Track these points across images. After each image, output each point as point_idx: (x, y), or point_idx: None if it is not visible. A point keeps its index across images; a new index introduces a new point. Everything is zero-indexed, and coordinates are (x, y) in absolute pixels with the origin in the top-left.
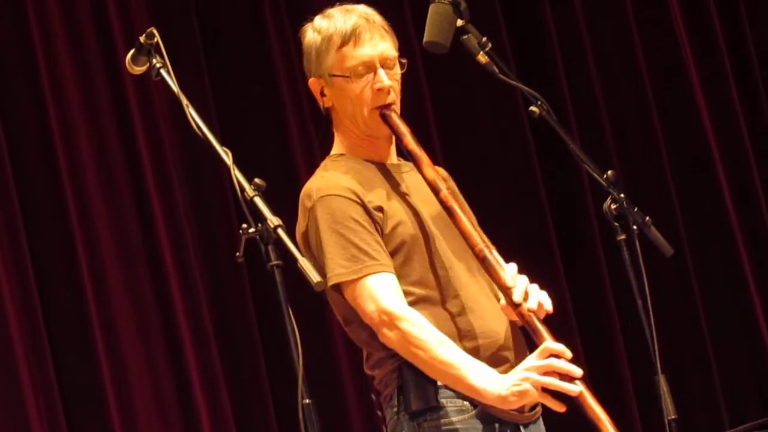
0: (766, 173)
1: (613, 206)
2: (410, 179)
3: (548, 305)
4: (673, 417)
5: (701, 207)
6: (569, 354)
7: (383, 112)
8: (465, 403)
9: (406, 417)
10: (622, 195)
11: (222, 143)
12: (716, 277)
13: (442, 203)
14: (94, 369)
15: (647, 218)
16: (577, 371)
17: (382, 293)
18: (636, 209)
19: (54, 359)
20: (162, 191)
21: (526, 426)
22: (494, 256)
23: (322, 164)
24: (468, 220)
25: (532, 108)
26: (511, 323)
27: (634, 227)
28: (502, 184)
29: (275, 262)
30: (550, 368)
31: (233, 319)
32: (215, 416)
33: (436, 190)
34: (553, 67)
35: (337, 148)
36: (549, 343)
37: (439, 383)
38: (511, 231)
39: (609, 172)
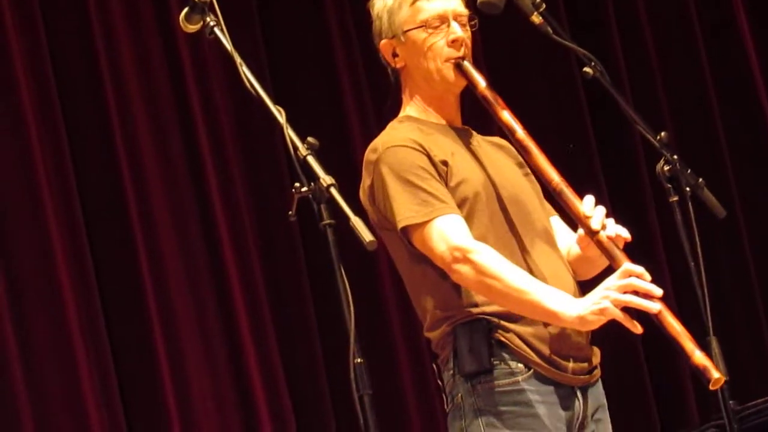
0: None
1: (665, 168)
2: (476, 143)
3: (626, 234)
4: (724, 379)
5: (754, 170)
6: (649, 276)
7: (458, 62)
8: (519, 365)
9: (461, 379)
10: (674, 156)
11: (275, 102)
12: None
13: (519, 143)
14: (144, 316)
15: (700, 180)
16: (658, 290)
17: (452, 232)
18: (689, 171)
19: (105, 313)
20: (215, 151)
21: (583, 390)
22: (571, 190)
23: (389, 125)
24: (545, 159)
25: (586, 69)
26: (578, 288)
27: (687, 189)
28: (554, 146)
29: (328, 221)
30: (630, 287)
31: (285, 278)
32: (266, 375)
33: (511, 131)
34: (607, 27)
35: (404, 112)
36: (629, 264)
37: (493, 345)
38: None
39: (662, 133)
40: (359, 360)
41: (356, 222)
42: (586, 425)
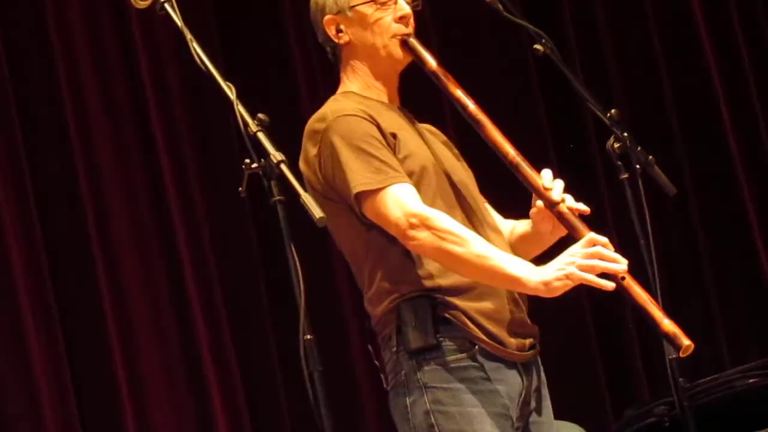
0: None
1: (616, 145)
2: (420, 125)
3: (584, 207)
4: (673, 356)
5: (705, 147)
6: (611, 247)
7: (405, 38)
8: (464, 342)
9: (405, 356)
10: (625, 134)
11: (226, 79)
12: (720, 217)
13: (472, 117)
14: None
15: (650, 157)
16: (622, 259)
17: (408, 199)
18: (639, 148)
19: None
20: (166, 126)
21: (526, 366)
22: (528, 164)
23: (331, 99)
24: (499, 133)
25: (537, 46)
26: None
27: (637, 166)
28: (505, 123)
29: (278, 198)
30: (596, 254)
31: (235, 254)
32: (216, 348)
33: (463, 106)
34: (558, 5)
35: (345, 88)
36: (594, 234)
37: (438, 322)
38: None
39: (612, 110)
40: (309, 336)
41: (306, 198)
42: (529, 401)
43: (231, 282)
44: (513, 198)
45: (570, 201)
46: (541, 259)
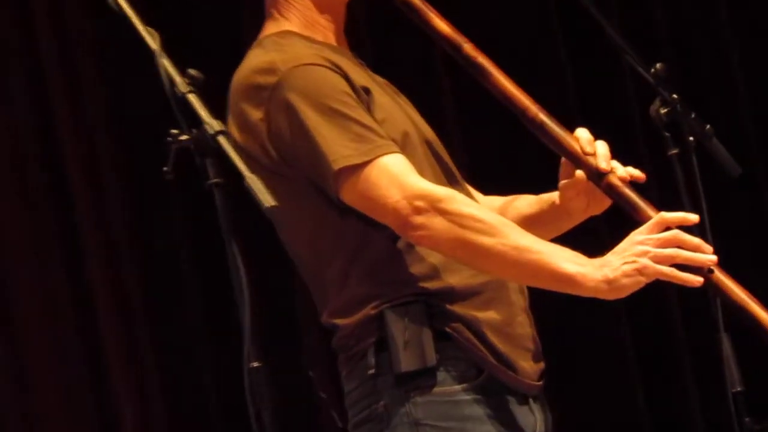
0: None
1: (663, 110)
2: (380, 79)
3: (637, 173)
4: (738, 389)
5: None
6: (695, 218)
7: None
8: (469, 365)
9: (388, 381)
10: (675, 96)
11: (147, 26)
12: None
13: (470, 61)
14: None
15: (708, 127)
16: (707, 246)
17: (406, 174)
18: (693, 115)
19: None
20: (71, 88)
21: (537, 400)
22: (555, 121)
23: (268, 41)
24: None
25: None
26: None
27: (691, 138)
28: (521, 80)
29: (215, 180)
30: (674, 240)
31: (159, 252)
32: (136, 384)
33: (456, 46)
34: None
35: (278, 26)
36: (665, 214)
37: (436, 337)
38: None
39: (658, 65)
40: (257, 363)
41: (253, 180)
42: None
43: (155, 292)
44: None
45: (621, 169)
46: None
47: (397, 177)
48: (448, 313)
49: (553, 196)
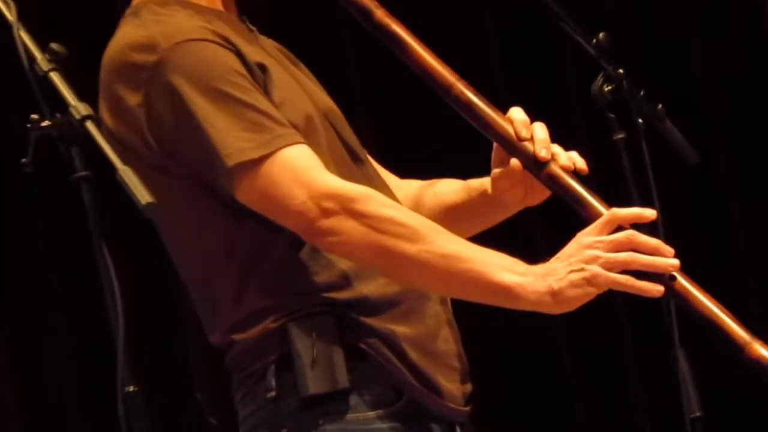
0: None
1: (606, 88)
2: (276, 54)
3: (581, 162)
4: (697, 414)
5: (745, 91)
6: (652, 214)
7: None
8: (387, 389)
9: (292, 406)
10: (620, 71)
11: None
12: (762, 200)
13: (381, 28)
14: None
15: (660, 107)
16: (667, 248)
17: (312, 169)
18: (642, 93)
19: None
20: None
21: (462, 425)
22: (483, 99)
23: (144, 10)
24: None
25: None
26: None
27: (640, 120)
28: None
29: (83, 173)
30: (628, 242)
31: (17, 254)
32: None
33: (366, 12)
34: None
35: None
36: (617, 210)
37: (348, 355)
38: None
39: (601, 34)
40: (133, 388)
41: (127, 174)
42: None
43: (11, 301)
44: None
45: (563, 156)
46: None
47: (302, 173)
48: (362, 326)
49: (484, 183)
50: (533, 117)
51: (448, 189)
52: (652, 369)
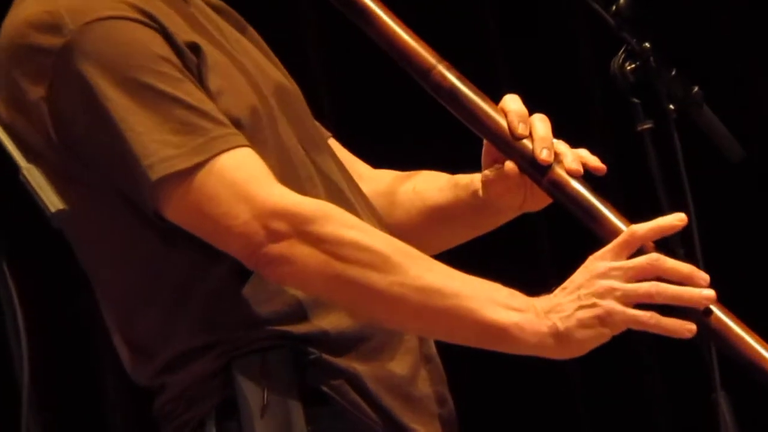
0: None
1: (629, 66)
2: (215, 22)
3: (594, 162)
4: None
5: None
6: (681, 220)
7: None
8: None
9: None
10: (646, 45)
11: None
12: None
13: (349, 4)
14: None
15: (696, 89)
16: (701, 274)
17: (261, 182)
18: (674, 72)
19: None
20: None
21: None
22: (470, 86)
23: None
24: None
25: None
26: None
27: (671, 106)
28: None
29: None
30: (652, 268)
31: None
32: None
33: None
34: None
35: None
36: (638, 227)
37: (309, 399)
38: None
39: (621, 1)
40: None
41: (32, 174)
42: None
43: None
44: None
45: (570, 157)
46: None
47: (245, 186)
48: (323, 365)
49: (475, 181)
50: (534, 107)
51: (431, 186)
52: (688, 416)
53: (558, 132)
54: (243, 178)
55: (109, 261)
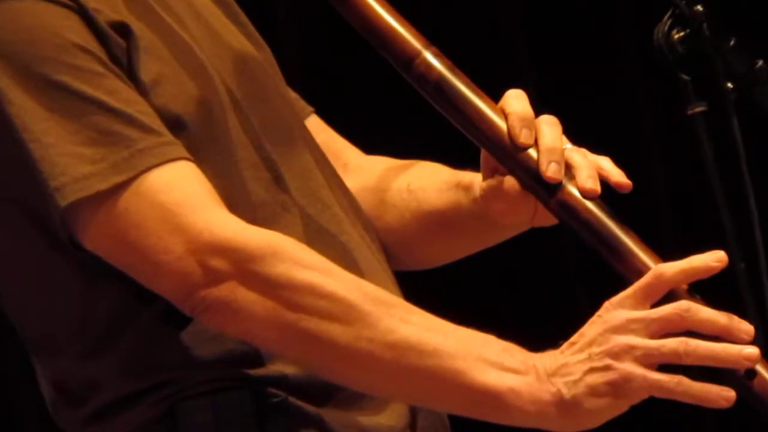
0: None
1: (677, 34)
2: None
3: (618, 175)
4: None
5: None
6: (720, 261)
7: None
8: None
9: None
10: (698, 7)
11: None
12: None
13: None
14: None
15: (760, 64)
16: (745, 325)
17: (197, 206)
18: (733, 42)
19: None
20: None
21: None
22: (463, 77)
23: None
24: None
25: None
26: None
27: (729, 85)
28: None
29: None
30: (683, 322)
31: None
32: None
33: None
34: None
35: None
36: (665, 267)
37: None
38: None
39: None
40: None
41: None
42: None
43: None
44: None
45: (585, 172)
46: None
47: (179, 212)
48: (291, 409)
49: (476, 185)
50: (556, 98)
51: (429, 184)
52: None
53: (578, 132)
54: (176, 202)
55: (24, 296)
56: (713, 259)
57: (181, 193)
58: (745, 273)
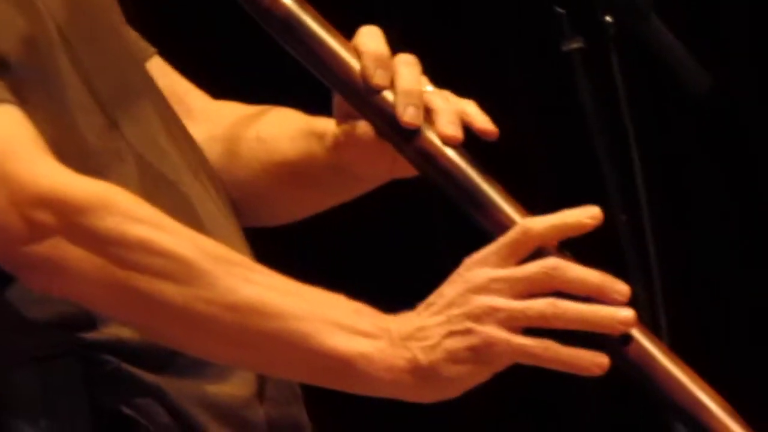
0: None
1: None
2: None
3: (482, 121)
4: None
5: None
6: (594, 216)
7: None
8: None
9: None
10: None
11: None
12: None
13: None
14: None
15: None
16: (620, 285)
17: (21, 154)
18: None
19: None
20: None
21: None
22: (307, 8)
23: None
24: None
25: None
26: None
27: (608, 18)
28: None
29: None
30: (551, 282)
31: None
32: None
33: None
34: None
35: None
36: (532, 222)
37: (103, 423)
38: None
39: None
40: None
41: None
42: None
43: None
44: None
45: (446, 116)
46: None
47: (1, 161)
48: (125, 377)
49: (330, 132)
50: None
51: (281, 132)
52: None
53: (440, 73)
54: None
55: None
56: (587, 215)
57: (2, 141)
58: (626, 226)
